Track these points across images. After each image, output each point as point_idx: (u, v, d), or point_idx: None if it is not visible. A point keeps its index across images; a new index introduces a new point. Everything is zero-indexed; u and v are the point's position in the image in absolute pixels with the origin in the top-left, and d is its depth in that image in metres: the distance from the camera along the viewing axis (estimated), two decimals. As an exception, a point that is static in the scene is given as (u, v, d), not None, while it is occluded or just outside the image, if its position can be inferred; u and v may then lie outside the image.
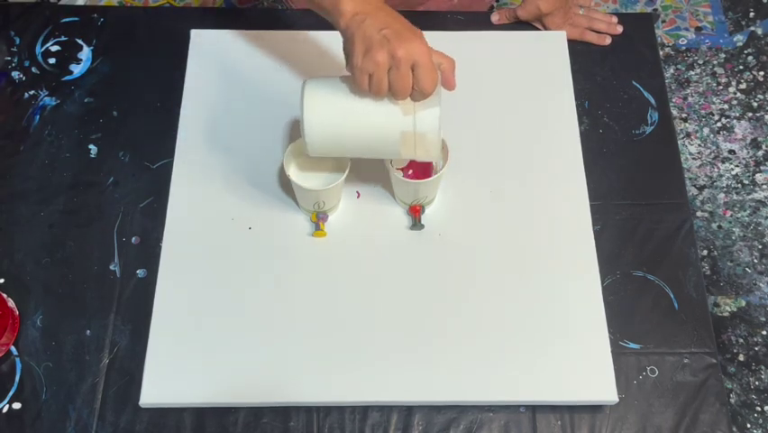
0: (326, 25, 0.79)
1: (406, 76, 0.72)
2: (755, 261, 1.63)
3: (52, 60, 1.04)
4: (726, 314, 1.58)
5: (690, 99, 1.84)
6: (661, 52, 1.83)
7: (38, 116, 1.00)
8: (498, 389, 0.82)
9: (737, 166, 1.75)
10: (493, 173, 0.94)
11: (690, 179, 1.73)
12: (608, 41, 1.06)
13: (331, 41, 0.78)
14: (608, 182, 0.96)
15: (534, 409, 0.83)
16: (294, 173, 0.85)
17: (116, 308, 0.87)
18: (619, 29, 1.07)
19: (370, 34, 0.72)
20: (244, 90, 0.99)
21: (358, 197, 0.92)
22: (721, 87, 1.85)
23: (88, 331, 0.86)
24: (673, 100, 1.83)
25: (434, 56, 0.75)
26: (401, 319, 0.85)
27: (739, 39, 1.92)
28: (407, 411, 0.82)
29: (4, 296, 0.86)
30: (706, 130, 1.80)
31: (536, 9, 1.04)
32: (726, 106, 1.83)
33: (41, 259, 0.90)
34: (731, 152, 1.77)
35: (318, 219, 0.89)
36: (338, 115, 0.77)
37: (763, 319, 1.57)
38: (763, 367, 1.52)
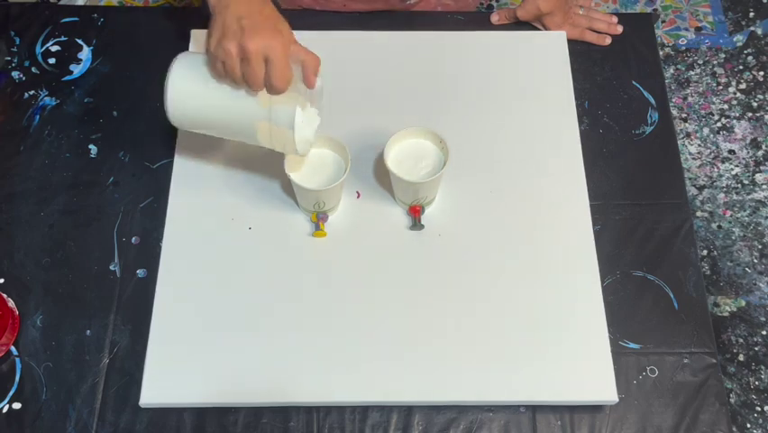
0: (326, 25, 0.80)
1: (256, 69, 0.72)
2: (755, 261, 1.63)
3: (52, 60, 1.04)
4: (726, 314, 1.58)
5: (690, 99, 1.84)
6: (661, 52, 1.84)
7: (38, 116, 1.00)
8: (498, 389, 0.82)
9: (737, 166, 1.75)
10: (493, 173, 0.94)
11: (690, 179, 1.73)
12: (607, 41, 1.06)
13: (330, 41, 0.79)
14: (607, 182, 0.96)
15: (534, 409, 0.83)
16: (294, 173, 0.85)
17: (116, 308, 0.87)
18: (619, 29, 1.07)
19: (228, 22, 0.72)
20: (244, 90, 0.99)
21: (358, 197, 0.92)
22: (721, 87, 1.85)
23: (88, 331, 0.86)
24: (673, 100, 1.83)
25: (298, 53, 0.75)
26: (401, 319, 0.85)
27: (739, 39, 1.92)
28: (407, 411, 0.82)
29: (4, 296, 0.86)
30: (706, 130, 1.80)
31: (536, 9, 1.04)
32: (725, 106, 1.83)
33: (41, 259, 0.90)
34: (731, 151, 1.77)
35: (318, 219, 0.89)
36: (199, 95, 0.78)
37: (763, 319, 1.57)
38: (762, 367, 1.52)
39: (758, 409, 1.48)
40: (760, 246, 1.65)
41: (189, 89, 0.79)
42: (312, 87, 0.77)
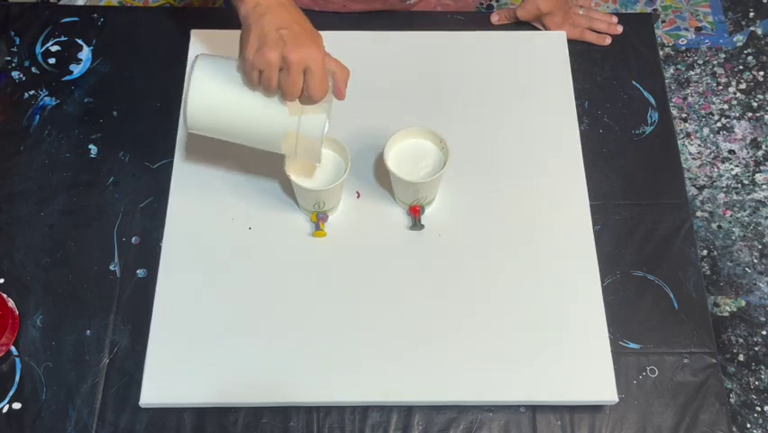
0: (325, 26, 0.79)
1: (296, 79, 0.72)
2: (755, 261, 1.63)
3: (52, 60, 1.04)
4: (726, 314, 1.58)
5: (690, 99, 1.84)
6: (661, 52, 1.84)
7: (38, 116, 1.00)
8: (498, 389, 0.82)
9: (737, 166, 1.75)
10: (493, 173, 0.94)
11: (690, 179, 1.73)
12: (607, 41, 1.06)
13: (329, 41, 0.78)
14: (607, 182, 0.96)
15: (534, 410, 0.83)
16: (294, 173, 0.85)
17: (116, 308, 0.87)
18: (619, 29, 1.07)
19: (267, 31, 0.71)
20: (244, 90, 0.99)
21: (358, 197, 0.92)
22: (721, 87, 1.85)
23: (88, 331, 0.86)
24: (673, 100, 1.83)
25: (329, 63, 0.75)
26: (401, 319, 0.85)
27: (739, 39, 1.92)
28: (407, 411, 0.82)
29: (4, 296, 0.86)
30: (706, 130, 1.80)
31: (536, 9, 1.04)
32: (725, 106, 1.83)
33: (41, 259, 0.90)
34: (731, 151, 1.77)
35: (318, 219, 0.89)
36: (224, 101, 0.77)
37: (763, 319, 1.57)
38: (762, 367, 1.52)
39: (758, 409, 1.48)
40: (760, 246, 1.65)
41: (216, 95, 0.77)
42: (342, 99, 0.77)
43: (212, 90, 0.77)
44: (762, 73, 1.87)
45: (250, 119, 0.78)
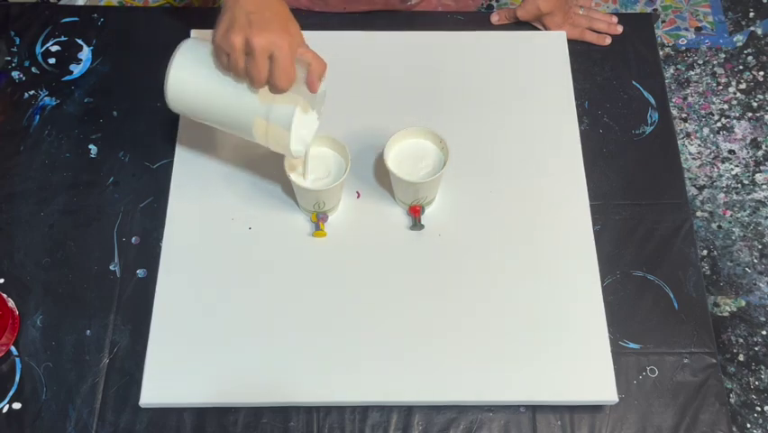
0: (326, 26, 0.80)
1: (260, 65, 0.72)
2: (755, 261, 1.63)
3: (52, 60, 1.04)
4: (726, 314, 1.58)
5: (690, 99, 1.84)
6: (661, 52, 1.84)
7: (38, 116, 1.00)
8: (498, 389, 0.82)
9: (737, 166, 1.75)
10: (493, 173, 0.94)
11: (690, 179, 1.73)
12: (608, 41, 1.06)
13: (330, 41, 0.79)
14: (608, 182, 0.96)
15: (534, 410, 0.83)
16: (294, 173, 0.85)
17: (116, 308, 0.87)
18: (619, 29, 1.07)
19: (237, 15, 0.72)
20: (244, 90, 0.99)
21: (358, 197, 0.92)
22: (721, 87, 1.85)
23: (88, 331, 0.86)
24: (673, 100, 1.83)
25: (305, 54, 0.74)
26: (401, 319, 0.85)
27: (739, 39, 1.92)
28: (407, 411, 0.82)
29: (4, 296, 0.86)
30: (706, 130, 1.80)
31: (536, 9, 1.04)
32: (725, 106, 1.83)
33: (41, 259, 0.90)
34: (731, 151, 1.77)
35: (318, 219, 0.89)
36: (199, 83, 0.78)
37: (763, 319, 1.57)
38: (762, 367, 1.52)
39: (758, 409, 1.48)
40: (760, 246, 1.65)
41: (191, 75, 0.78)
42: (314, 92, 0.76)
43: (188, 69, 0.78)
44: (762, 73, 1.87)
45: (222, 102, 0.78)
